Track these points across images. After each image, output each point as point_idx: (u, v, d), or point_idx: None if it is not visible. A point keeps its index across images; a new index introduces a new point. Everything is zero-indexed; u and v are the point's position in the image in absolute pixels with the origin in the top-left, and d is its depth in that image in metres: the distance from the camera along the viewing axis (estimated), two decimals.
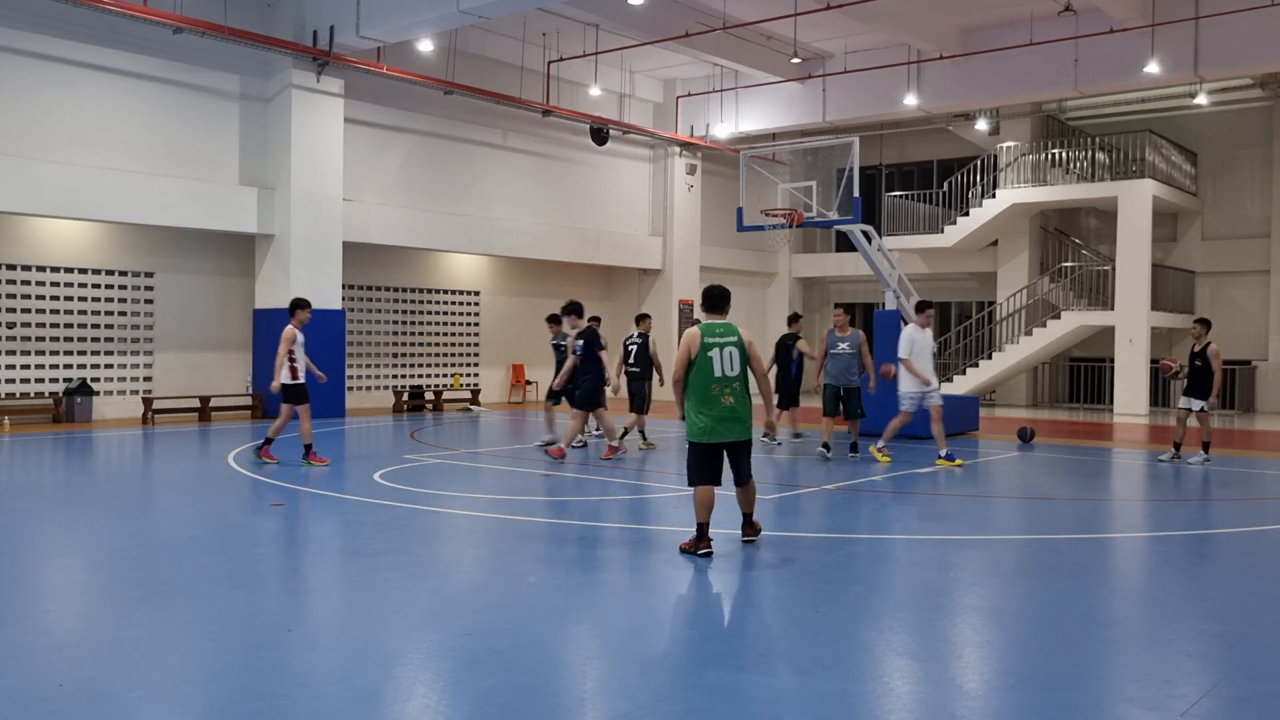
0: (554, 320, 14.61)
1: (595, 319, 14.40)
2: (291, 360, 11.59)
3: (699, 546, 7.24)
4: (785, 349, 15.25)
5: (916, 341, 12.77)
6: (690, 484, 7.44)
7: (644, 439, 14.38)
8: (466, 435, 16.52)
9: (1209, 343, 13.26)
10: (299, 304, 11.76)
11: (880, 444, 13.08)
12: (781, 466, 12.64)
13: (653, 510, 9.63)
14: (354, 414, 19.30)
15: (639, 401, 14.27)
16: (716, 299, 7.60)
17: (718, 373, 7.30)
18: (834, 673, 4.85)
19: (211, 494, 10.30)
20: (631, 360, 14.34)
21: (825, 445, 13.25)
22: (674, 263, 25.69)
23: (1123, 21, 18.93)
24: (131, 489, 10.93)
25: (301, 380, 11.71)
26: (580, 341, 12.75)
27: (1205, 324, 13.48)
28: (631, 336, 14.51)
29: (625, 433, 14.09)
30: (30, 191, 15.62)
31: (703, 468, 7.36)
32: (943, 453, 12.64)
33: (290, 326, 11.61)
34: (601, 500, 9.76)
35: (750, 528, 7.75)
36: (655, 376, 14.44)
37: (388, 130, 20.56)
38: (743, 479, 7.56)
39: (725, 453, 7.42)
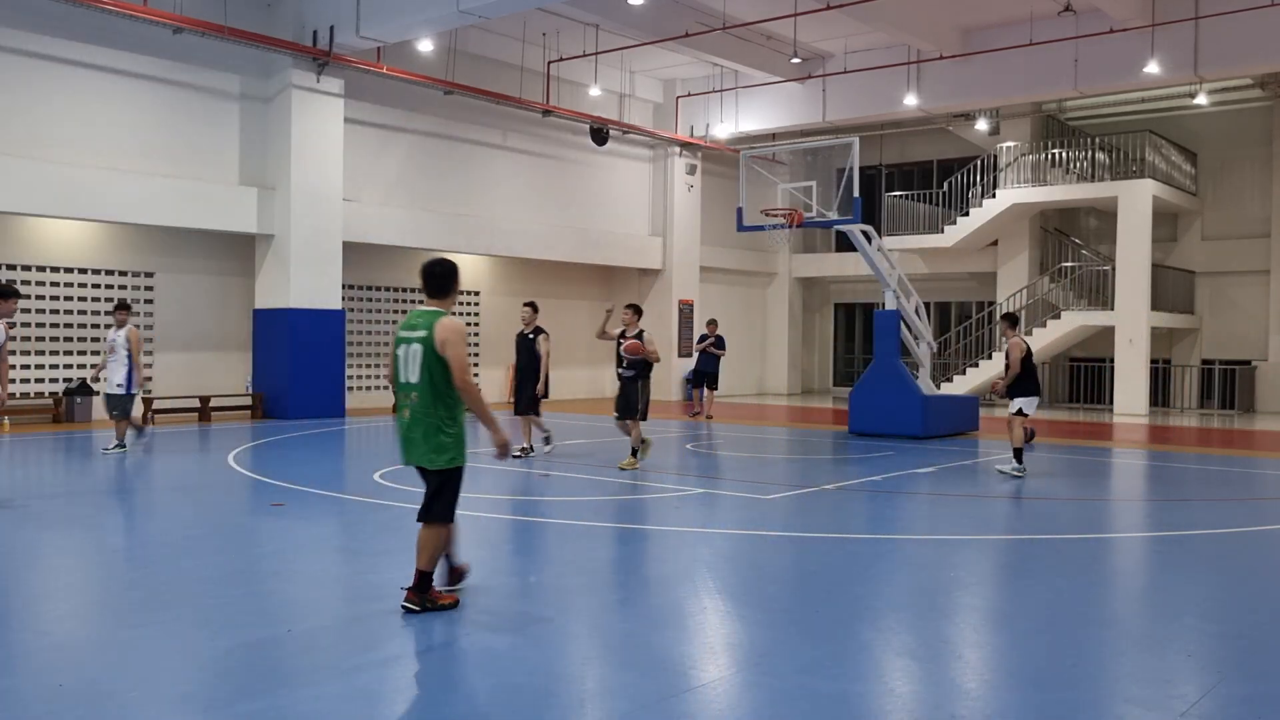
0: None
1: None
2: None
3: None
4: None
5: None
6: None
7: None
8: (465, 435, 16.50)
9: (1014, 339, 12.38)
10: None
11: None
12: (774, 466, 12.60)
13: (653, 510, 9.64)
14: (354, 414, 19.28)
15: None
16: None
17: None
18: (834, 673, 4.85)
19: (212, 494, 10.31)
20: None
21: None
22: (674, 263, 25.67)
23: (1123, 21, 18.92)
24: (132, 489, 10.93)
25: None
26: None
27: (1009, 321, 12.78)
28: None
29: None
30: (30, 191, 15.61)
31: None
32: None
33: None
34: (602, 500, 9.76)
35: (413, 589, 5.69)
36: None
37: (388, 130, 20.55)
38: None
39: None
